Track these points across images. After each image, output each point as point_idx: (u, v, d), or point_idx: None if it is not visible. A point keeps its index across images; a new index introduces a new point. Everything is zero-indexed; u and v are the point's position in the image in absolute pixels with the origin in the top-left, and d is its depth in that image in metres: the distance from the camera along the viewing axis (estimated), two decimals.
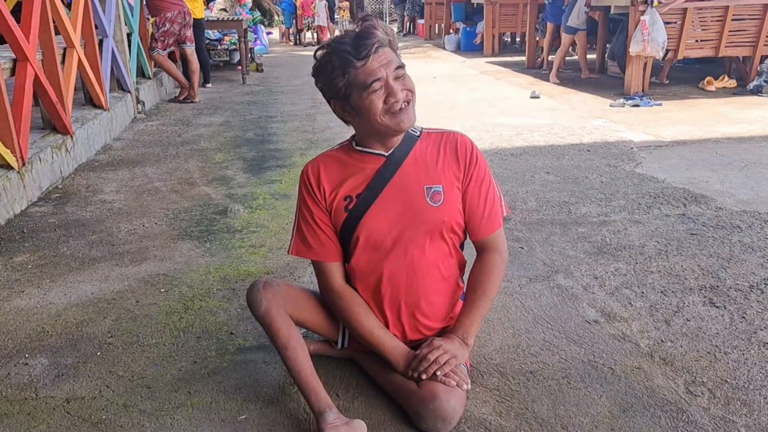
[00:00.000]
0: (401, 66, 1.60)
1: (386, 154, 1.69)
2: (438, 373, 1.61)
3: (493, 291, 1.74)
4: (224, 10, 10.15)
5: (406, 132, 1.70)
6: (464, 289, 1.86)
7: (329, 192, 1.69)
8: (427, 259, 1.70)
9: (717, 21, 6.87)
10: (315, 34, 16.38)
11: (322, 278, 1.76)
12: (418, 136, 1.74)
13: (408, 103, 1.61)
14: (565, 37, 8.31)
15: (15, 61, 3.62)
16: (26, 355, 2.02)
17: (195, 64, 7.09)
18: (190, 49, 7.05)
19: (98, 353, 2.02)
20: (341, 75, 1.56)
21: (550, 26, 8.92)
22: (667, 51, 6.78)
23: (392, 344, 1.72)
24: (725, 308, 2.22)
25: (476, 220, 1.73)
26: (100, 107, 5.13)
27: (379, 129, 1.63)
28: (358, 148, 1.72)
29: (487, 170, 1.76)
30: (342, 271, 1.75)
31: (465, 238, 1.80)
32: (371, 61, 1.54)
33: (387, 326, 1.74)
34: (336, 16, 15.89)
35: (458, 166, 1.71)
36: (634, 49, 6.57)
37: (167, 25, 6.75)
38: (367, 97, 1.56)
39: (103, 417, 1.71)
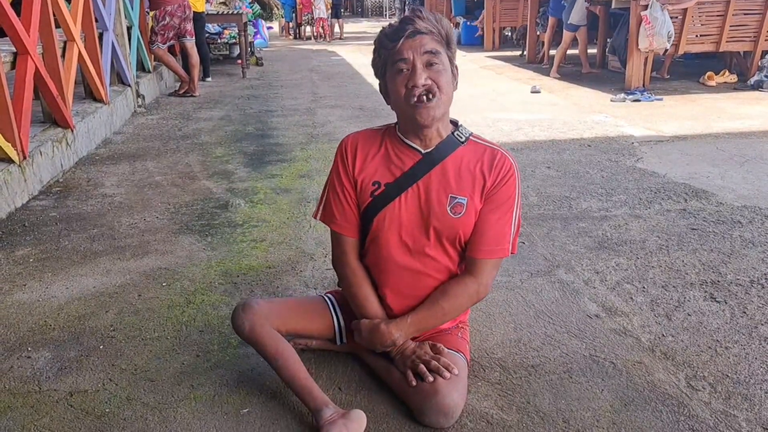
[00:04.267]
0: (435, 54, 1.57)
1: (423, 152, 1.68)
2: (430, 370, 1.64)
3: (450, 311, 1.71)
4: (224, 3, 10.10)
5: (449, 135, 1.68)
6: None
7: (360, 169, 1.71)
8: (436, 264, 1.71)
9: (718, 16, 6.87)
10: (313, 28, 16.36)
11: (339, 251, 1.79)
12: (463, 142, 1.69)
13: (431, 96, 1.58)
14: (566, 35, 8.30)
15: (15, 54, 3.62)
16: (29, 349, 2.02)
17: (195, 57, 7.07)
18: (190, 43, 7.03)
19: (101, 347, 2.03)
20: (378, 54, 1.66)
21: (551, 20, 8.90)
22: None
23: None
24: (726, 303, 2.23)
25: (477, 237, 1.68)
26: (101, 101, 5.12)
27: (405, 117, 1.65)
28: (400, 135, 1.71)
29: (514, 198, 1.69)
30: (358, 248, 1.78)
31: None
32: (401, 43, 1.58)
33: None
34: (321, 6, 15.79)
35: (486, 180, 1.67)
36: (641, 45, 6.56)
37: (167, 19, 6.73)
38: (392, 79, 1.61)
39: (107, 410, 1.71)
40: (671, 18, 6.61)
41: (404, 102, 1.60)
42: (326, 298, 1.90)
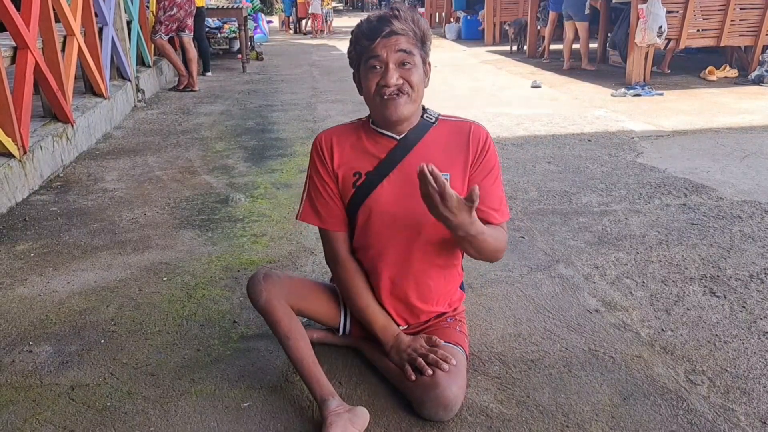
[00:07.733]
0: (409, 53, 1.60)
1: (398, 137, 1.70)
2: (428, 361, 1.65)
3: (495, 242, 1.62)
4: None
5: (421, 118, 1.72)
6: (463, 278, 1.89)
7: (339, 163, 1.72)
8: (426, 244, 1.71)
9: (719, 10, 6.85)
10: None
11: (328, 247, 1.80)
12: (434, 123, 1.73)
13: (401, 93, 1.61)
14: (580, 25, 8.21)
15: (15, 49, 3.61)
16: (30, 343, 2.03)
17: (192, 52, 7.05)
18: (187, 38, 7.01)
19: (102, 341, 2.04)
20: (354, 48, 1.68)
21: (552, 15, 8.88)
22: (669, 40, 6.75)
23: (383, 323, 1.76)
24: (725, 298, 2.23)
25: (487, 207, 1.67)
26: (101, 96, 5.11)
27: (375, 111, 1.67)
28: (373, 126, 1.73)
29: (498, 163, 1.73)
30: (347, 241, 1.79)
31: None
32: (377, 43, 1.59)
33: (381, 305, 1.78)
34: (316, 2, 15.75)
35: (468, 154, 1.69)
36: (636, 38, 6.56)
37: (174, 10, 6.70)
38: (365, 74, 1.64)
39: (108, 404, 1.72)
40: (671, 12, 6.59)
41: (374, 95, 1.64)
42: (337, 288, 1.90)
